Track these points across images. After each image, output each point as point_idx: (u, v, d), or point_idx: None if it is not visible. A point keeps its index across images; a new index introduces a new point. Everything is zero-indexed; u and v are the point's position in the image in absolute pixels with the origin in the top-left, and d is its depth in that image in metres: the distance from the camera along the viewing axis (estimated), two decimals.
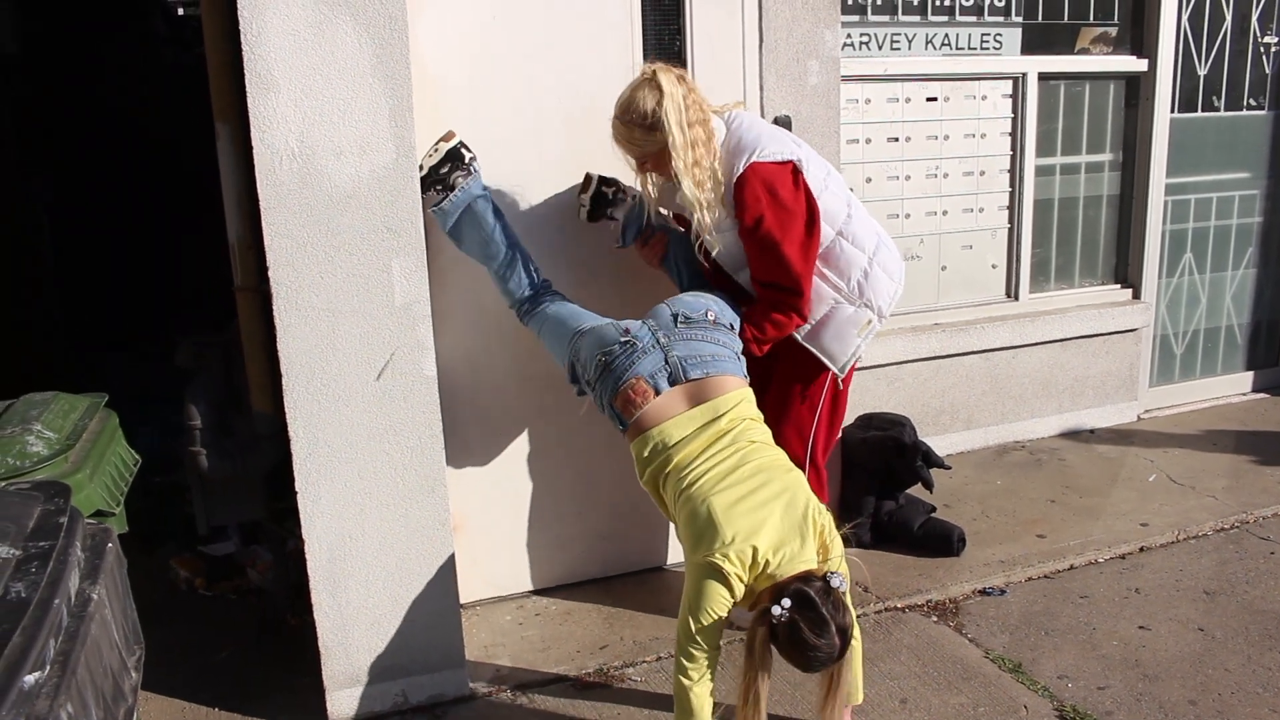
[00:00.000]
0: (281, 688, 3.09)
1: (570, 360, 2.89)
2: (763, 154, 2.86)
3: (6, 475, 2.36)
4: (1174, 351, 5.55)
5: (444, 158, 2.98)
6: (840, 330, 3.05)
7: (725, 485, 2.49)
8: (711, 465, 2.55)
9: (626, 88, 2.85)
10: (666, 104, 2.76)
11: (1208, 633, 3.31)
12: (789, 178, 2.86)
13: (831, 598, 2.31)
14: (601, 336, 2.78)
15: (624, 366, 2.69)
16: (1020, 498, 4.39)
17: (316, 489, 2.81)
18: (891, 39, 4.53)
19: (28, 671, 1.51)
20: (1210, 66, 5.21)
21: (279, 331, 2.72)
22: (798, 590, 2.30)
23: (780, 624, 2.29)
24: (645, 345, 2.71)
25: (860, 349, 3.08)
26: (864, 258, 3.02)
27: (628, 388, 2.68)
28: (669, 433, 2.63)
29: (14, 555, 1.81)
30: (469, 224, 3.04)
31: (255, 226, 2.92)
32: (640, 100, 2.79)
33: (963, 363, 4.85)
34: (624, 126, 2.84)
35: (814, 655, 2.31)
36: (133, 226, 6.67)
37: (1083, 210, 5.16)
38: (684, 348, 2.72)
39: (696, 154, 2.80)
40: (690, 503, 2.50)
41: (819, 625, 2.28)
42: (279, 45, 2.60)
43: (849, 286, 3.02)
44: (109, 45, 6.58)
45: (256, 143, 2.63)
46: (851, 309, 3.04)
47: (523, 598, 3.61)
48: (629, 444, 2.76)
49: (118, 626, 2.03)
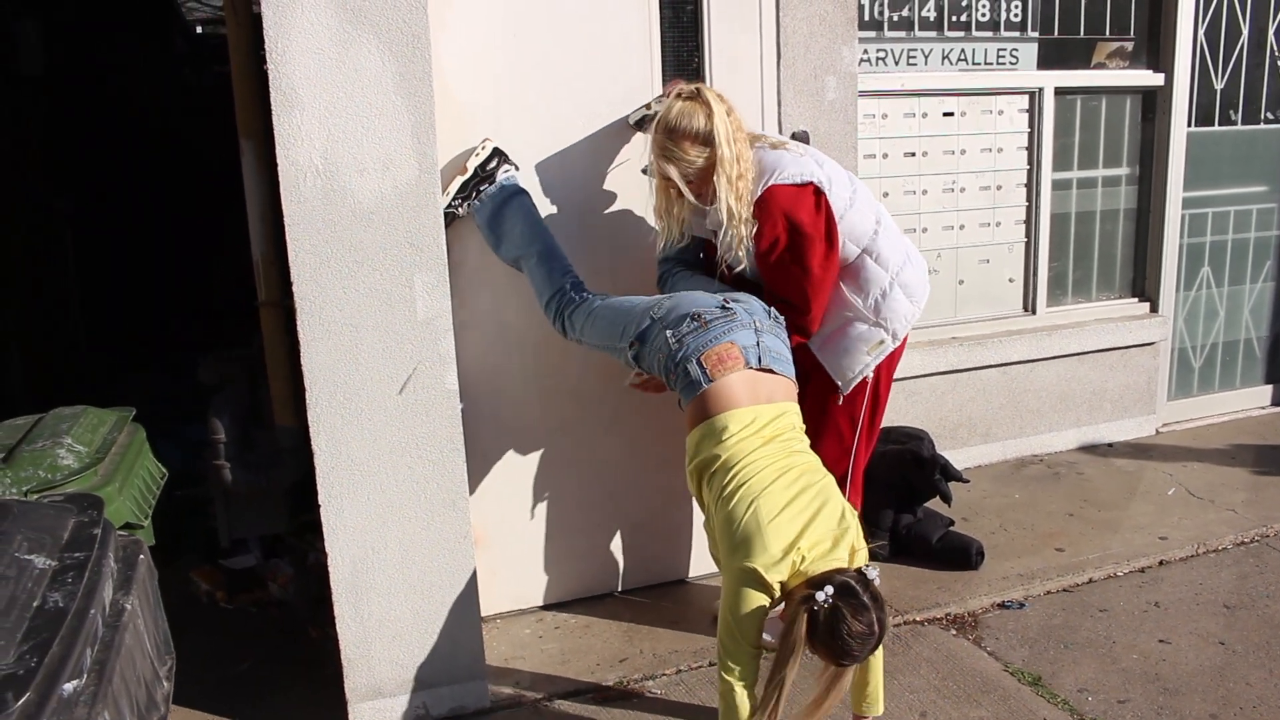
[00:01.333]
0: (303, 699, 3.11)
1: (642, 322, 2.84)
2: (781, 176, 2.86)
3: (39, 488, 2.40)
4: (1192, 365, 5.53)
5: (490, 154, 3.12)
6: (850, 346, 3.06)
7: (769, 491, 2.49)
8: (758, 469, 2.54)
9: (667, 107, 2.85)
10: (717, 121, 2.79)
11: (1228, 646, 3.30)
12: (809, 199, 2.87)
13: (870, 590, 2.33)
14: (697, 299, 2.80)
15: (722, 330, 2.70)
16: (1038, 511, 4.38)
17: (339, 502, 2.83)
18: (908, 54, 4.55)
19: (66, 680, 1.53)
20: (1227, 80, 5.22)
21: (302, 346, 2.75)
22: (840, 580, 2.32)
23: (823, 610, 2.29)
24: (743, 320, 2.74)
25: (869, 368, 3.09)
26: (886, 278, 3.03)
27: (723, 349, 2.67)
28: (730, 421, 2.62)
29: (50, 566, 1.84)
30: (510, 215, 3.11)
31: (279, 242, 2.96)
32: (691, 116, 2.80)
33: (980, 376, 4.85)
34: (673, 144, 2.82)
35: (852, 642, 2.31)
36: (154, 242, 6.74)
37: (1099, 224, 5.17)
38: (771, 339, 2.76)
39: (742, 168, 2.82)
40: (733, 505, 2.50)
41: (861, 611, 2.29)
42: (303, 63, 2.64)
43: (865, 304, 3.03)
44: (131, 64, 6.66)
45: (281, 159, 2.67)
46: (865, 327, 3.05)
47: (542, 611, 3.63)
48: (688, 428, 2.74)
49: (150, 636, 2.06)
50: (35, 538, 1.91)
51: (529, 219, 3.15)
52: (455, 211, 3.15)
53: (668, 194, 2.99)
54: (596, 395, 3.52)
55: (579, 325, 3.05)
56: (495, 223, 3.14)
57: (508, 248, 3.18)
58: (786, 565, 2.38)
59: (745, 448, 2.58)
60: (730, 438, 2.59)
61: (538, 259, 3.12)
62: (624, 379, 3.13)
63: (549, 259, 3.12)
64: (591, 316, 3.01)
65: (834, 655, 2.36)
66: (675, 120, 2.81)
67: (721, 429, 2.61)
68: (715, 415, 2.63)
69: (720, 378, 2.64)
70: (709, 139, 2.79)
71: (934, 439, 4.07)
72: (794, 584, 2.39)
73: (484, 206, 3.14)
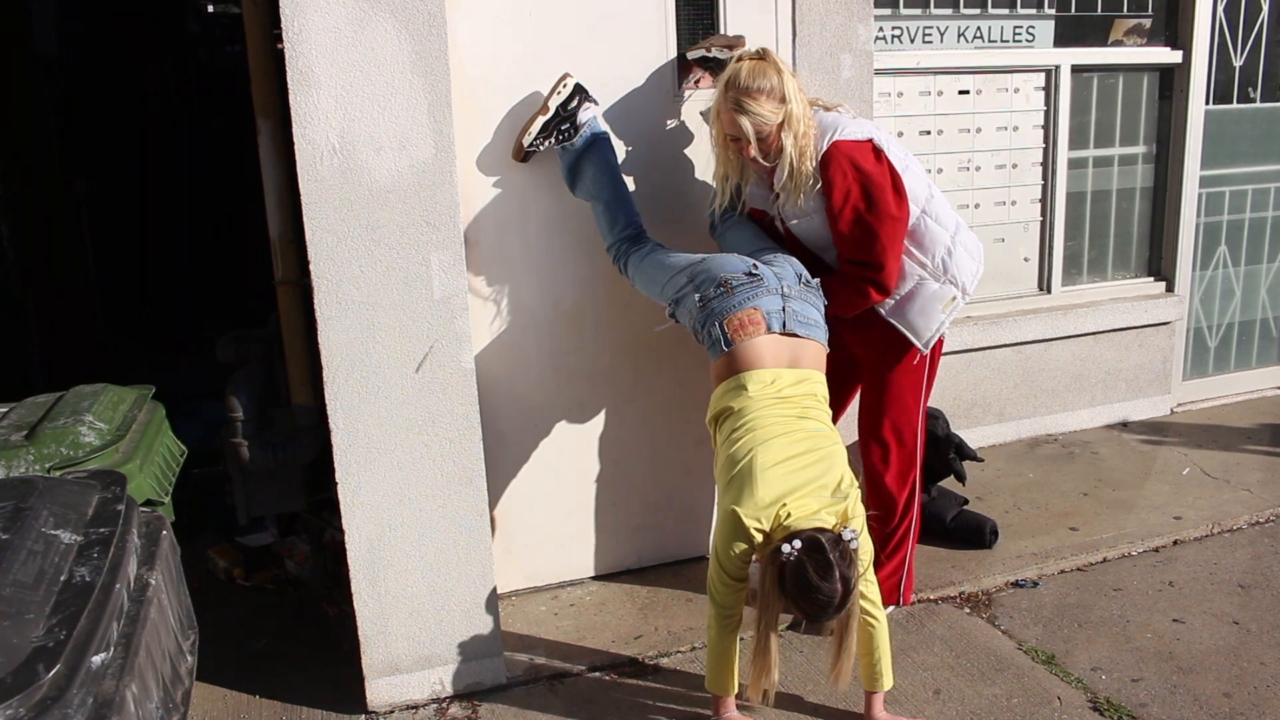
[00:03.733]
0: (320, 676, 3.14)
1: (679, 279, 2.92)
2: (844, 133, 2.93)
3: (60, 465, 2.42)
4: (1208, 344, 5.51)
5: (572, 92, 3.12)
6: (925, 306, 3.08)
7: (771, 444, 2.61)
8: (766, 422, 2.66)
9: (735, 69, 2.90)
10: (787, 79, 2.88)
11: (1243, 626, 3.30)
12: (870, 153, 2.92)
13: (840, 549, 2.42)
14: (727, 264, 2.86)
15: (746, 296, 2.78)
16: (1052, 490, 4.38)
17: (356, 480, 2.85)
18: (924, 32, 4.53)
19: (94, 652, 1.56)
20: (1246, 57, 5.17)
21: (319, 325, 2.76)
22: (809, 535, 2.43)
23: (788, 563, 2.40)
24: (770, 286, 2.81)
25: (945, 324, 3.11)
26: (947, 236, 3.07)
27: (744, 314, 2.76)
28: (749, 380, 2.72)
29: (76, 541, 1.86)
30: (589, 159, 3.14)
31: (296, 221, 2.96)
32: (765, 75, 2.87)
33: (995, 356, 4.84)
34: (750, 99, 2.87)
35: (815, 598, 2.40)
36: (169, 223, 6.76)
37: (1116, 203, 5.14)
38: (799, 304, 2.83)
39: (807, 125, 2.91)
40: (734, 448, 2.64)
41: (824, 569, 2.38)
42: (320, 42, 2.64)
43: (934, 263, 3.06)
44: (145, 44, 6.66)
45: (298, 138, 2.67)
46: (936, 285, 3.07)
47: (558, 588, 3.65)
48: (714, 381, 2.84)
49: (173, 611, 2.08)
50: (61, 513, 1.93)
51: (600, 166, 3.16)
52: (536, 148, 3.16)
53: (729, 155, 3.06)
54: (612, 374, 3.53)
55: (632, 273, 3.14)
56: (573, 169, 3.19)
57: (581, 189, 3.22)
58: (769, 516, 2.51)
59: (759, 403, 2.69)
60: (748, 393, 2.71)
61: (604, 206, 3.17)
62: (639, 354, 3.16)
63: (614, 206, 3.16)
64: (641, 267, 3.09)
65: (800, 609, 2.48)
66: (749, 79, 2.87)
67: (742, 385, 2.72)
68: (738, 373, 2.74)
69: (741, 342, 2.74)
70: (784, 96, 2.86)
71: (949, 418, 4.07)
72: (777, 536, 2.48)
73: (566, 154, 3.18)
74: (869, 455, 3.25)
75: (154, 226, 6.78)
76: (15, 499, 1.93)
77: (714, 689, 2.79)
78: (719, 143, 3.06)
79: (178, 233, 6.88)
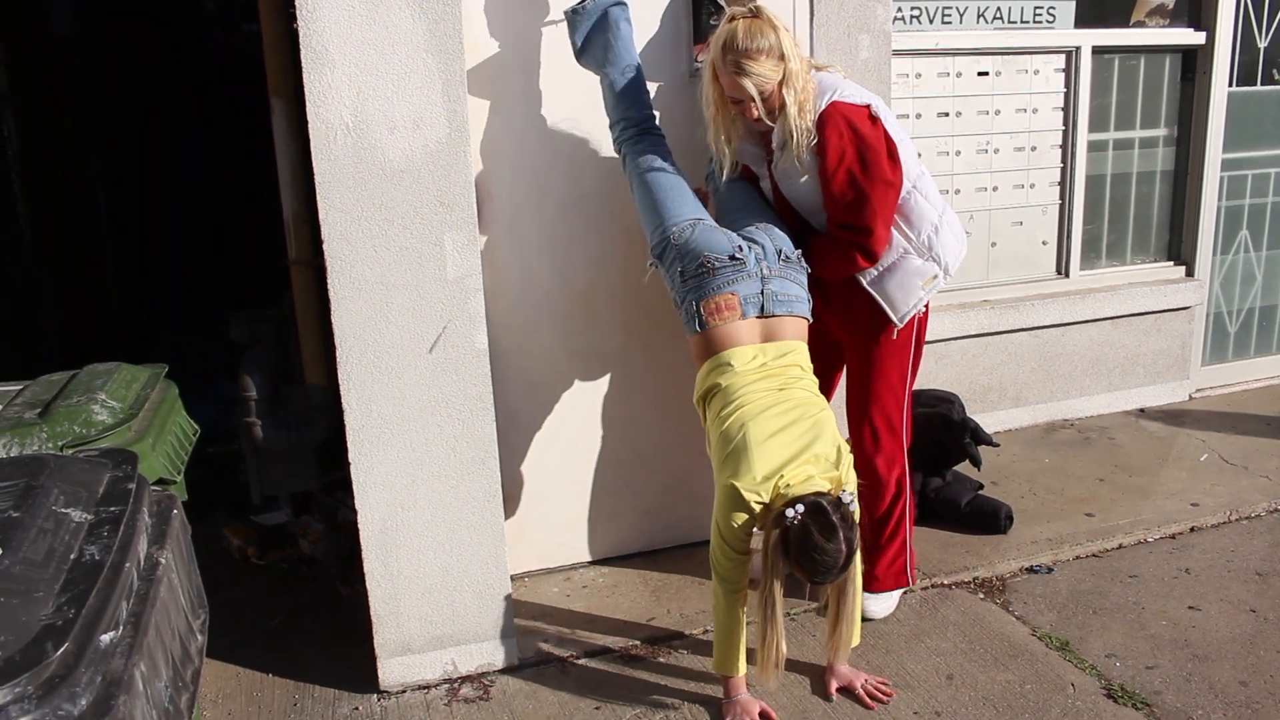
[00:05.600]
0: (333, 655, 3.15)
1: (665, 240, 2.90)
2: (843, 94, 2.89)
3: (73, 443, 2.42)
4: (1228, 330, 5.46)
5: None
6: (906, 280, 3.05)
7: (762, 417, 2.65)
8: (754, 396, 2.71)
9: (730, 29, 2.83)
10: (784, 35, 2.82)
11: (1260, 614, 3.28)
12: (867, 118, 2.88)
13: (841, 511, 2.49)
14: (713, 242, 2.84)
15: (726, 280, 2.79)
16: (1069, 476, 4.36)
17: (369, 460, 2.85)
18: (943, 12, 4.48)
19: (103, 631, 1.56)
20: (1271, 39, 5.10)
21: (333, 305, 2.76)
22: (811, 499, 2.48)
23: (793, 527, 2.46)
24: (750, 270, 2.82)
25: (921, 302, 3.08)
26: (935, 214, 3.04)
27: (721, 299, 2.78)
28: (733, 357, 2.77)
29: (86, 519, 1.86)
30: (600, 28, 3.05)
31: (310, 201, 2.96)
32: (763, 33, 2.81)
33: (1012, 340, 4.81)
34: (749, 60, 2.81)
35: (821, 559, 2.47)
36: (185, 203, 6.76)
37: (1136, 186, 5.09)
38: (778, 284, 2.85)
39: (806, 81, 2.86)
40: (726, 425, 2.68)
41: (828, 531, 2.45)
42: (334, 20, 2.63)
43: (919, 239, 3.03)
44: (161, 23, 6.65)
45: (312, 117, 2.66)
46: (919, 261, 3.04)
47: (570, 570, 3.65)
48: (694, 359, 2.88)
49: (183, 590, 2.08)
50: (72, 491, 1.94)
51: (608, 41, 3.07)
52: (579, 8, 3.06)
53: (724, 119, 2.99)
54: (626, 355, 3.52)
55: (628, 171, 3.08)
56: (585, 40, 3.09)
57: (588, 59, 3.14)
58: (769, 488, 2.56)
59: (745, 379, 2.74)
60: (734, 369, 2.75)
61: (609, 86, 3.10)
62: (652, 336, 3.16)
63: (622, 83, 3.07)
64: (635, 181, 3.04)
65: (805, 572, 2.53)
66: (746, 39, 2.81)
67: (726, 364, 2.77)
68: (719, 352, 2.79)
69: (715, 326, 2.78)
70: (782, 53, 2.82)
71: (964, 402, 4.05)
72: (777, 505, 2.53)
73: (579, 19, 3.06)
74: (858, 439, 3.23)
75: (170, 206, 6.79)
76: (26, 476, 1.94)
77: (722, 669, 2.79)
78: (715, 104, 2.97)
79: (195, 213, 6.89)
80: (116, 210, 6.52)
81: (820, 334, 3.21)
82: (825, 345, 3.24)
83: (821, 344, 3.25)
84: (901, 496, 3.26)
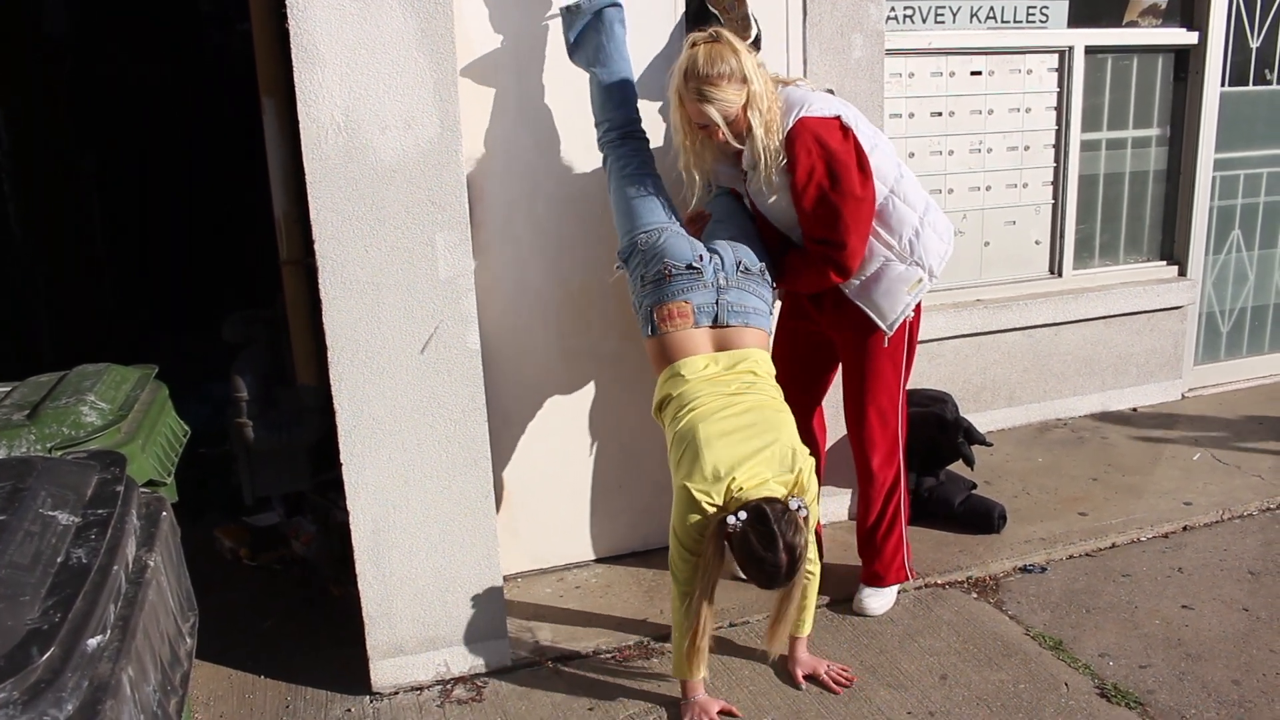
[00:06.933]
0: (325, 657, 3.14)
1: (633, 244, 2.92)
2: (810, 109, 2.87)
3: (62, 445, 2.41)
4: (1220, 329, 5.47)
5: None
6: (891, 287, 3.04)
7: (717, 418, 2.67)
8: (707, 400, 2.72)
9: (690, 56, 2.81)
10: (745, 58, 2.81)
11: (1252, 613, 3.28)
12: (837, 131, 2.87)
13: (787, 517, 2.47)
14: (674, 249, 2.86)
15: (681, 287, 2.82)
16: (1062, 475, 4.36)
17: (361, 460, 2.84)
18: (936, 12, 4.47)
19: (90, 635, 1.54)
20: (1263, 39, 5.11)
21: (324, 305, 2.75)
22: (756, 506, 2.48)
23: (734, 534, 2.47)
24: (707, 280, 2.84)
25: (909, 307, 3.07)
26: (915, 217, 3.02)
27: (674, 306, 2.81)
28: (684, 367, 2.80)
29: (74, 522, 1.85)
30: (594, 28, 3.04)
31: (301, 201, 2.94)
32: (723, 58, 2.79)
33: (1005, 339, 4.81)
34: (712, 86, 2.80)
35: (763, 568, 2.48)
36: (178, 203, 6.74)
37: (1128, 186, 5.09)
38: (735, 295, 2.86)
39: (771, 100, 2.85)
40: (680, 425, 2.70)
41: (767, 540, 2.44)
42: (325, 19, 2.62)
43: (901, 244, 3.02)
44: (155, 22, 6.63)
45: (302, 117, 2.65)
46: (902, 267, 3.03)
47: (563, 570, 3.64)
48: (653, 367, 2.91)
49: (173, 593, 2.07)
50: (59, 494, 1.92)
51: (600, 42, 3.05)
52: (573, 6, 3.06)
53: (694, 144, 2.98)
54: (619, 356, 3.51)
55: (608, 173, 3.08)
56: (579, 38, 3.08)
57: (580, 57, 3.12)
58: (720, 489, 2.55)
59: (698, 386, 2.77)
60: (684, 378, 2.79)
61: (597, 85, 3.09)
62: None
63: (611, 84, 3.06)
64: (612, 183, 3.05)
65: (750, 578, 2.56)
66: (707, 65, 2.79)
67: (677, 374, 2.80)
68: (674, 361, 2.82)
69: (667, 333, 2.82)
70: (744, 76, 2.80)
71: (957, 402, 4.05)
72: (730, 508, 2.52)
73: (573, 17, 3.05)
74: (855, 438, 3.23)
75: (164, 206, 6.77)
76: (13, 479, 1.92)
77: (679, 674, 2.79)
78: (683, 130, 2.96)
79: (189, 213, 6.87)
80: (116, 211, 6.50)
81: (814, 333, 3.21)
82: (819, 344, 3.24)
83: (816, 343, 3.25)
84: (896, 493, 3.26)
